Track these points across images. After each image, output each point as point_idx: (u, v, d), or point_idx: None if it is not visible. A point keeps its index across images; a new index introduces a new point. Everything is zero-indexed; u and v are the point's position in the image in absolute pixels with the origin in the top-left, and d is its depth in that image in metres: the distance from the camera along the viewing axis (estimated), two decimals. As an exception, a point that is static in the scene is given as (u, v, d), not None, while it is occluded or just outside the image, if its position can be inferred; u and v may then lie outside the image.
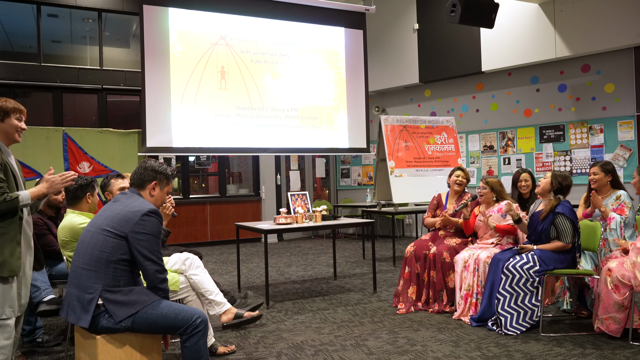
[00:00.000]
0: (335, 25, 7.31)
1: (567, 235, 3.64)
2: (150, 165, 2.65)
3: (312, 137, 7.08)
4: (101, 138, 6.42)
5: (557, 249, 3.67)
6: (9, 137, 2.59)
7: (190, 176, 9.74)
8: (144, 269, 2.42)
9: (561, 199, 3.75)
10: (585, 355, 3.18)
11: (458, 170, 4.74)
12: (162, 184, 2.66)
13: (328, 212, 5.62)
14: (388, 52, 9.61)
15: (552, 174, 3.82)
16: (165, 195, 2.70)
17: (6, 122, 2.56)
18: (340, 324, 4.01)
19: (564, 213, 3.66)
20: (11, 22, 8.67)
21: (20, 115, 2.61)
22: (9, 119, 2.56)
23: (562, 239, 3.66)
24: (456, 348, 3.38)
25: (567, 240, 3.65)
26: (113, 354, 2.35)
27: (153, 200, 2.62)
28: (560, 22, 7.45)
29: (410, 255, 4.48)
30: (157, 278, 2.44)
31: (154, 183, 2.61)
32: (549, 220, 3.71)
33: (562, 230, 3.66)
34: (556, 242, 3.68)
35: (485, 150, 8.79)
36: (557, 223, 3.68)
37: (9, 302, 2.44)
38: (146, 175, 2.61)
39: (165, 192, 2.69)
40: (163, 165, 2.71)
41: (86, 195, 3.32)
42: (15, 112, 2.58)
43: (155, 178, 2.62)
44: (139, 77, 7.82)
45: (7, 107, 2.57)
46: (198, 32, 6.41)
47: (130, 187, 2.64)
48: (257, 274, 6.36)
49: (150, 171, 2.62)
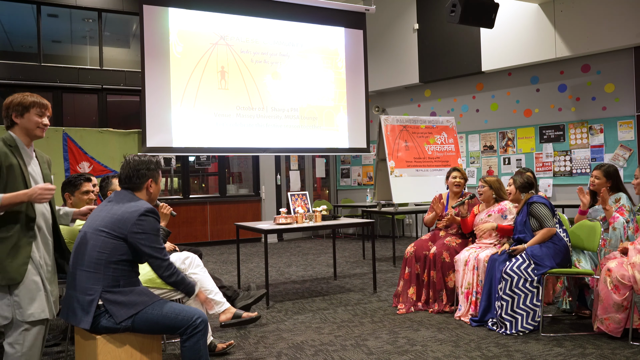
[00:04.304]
0: (335, 25, 7.31)
1: (547, 219, 3.76)
2: (138, 165, 2.55)
3: (312, 137, 7.08)
4: (101, 138, 6.42)
5: (544, 236, 3.72)
6: (29, 134, 2.43)
7: (190, 176, 9.74)
8: (151, 265, 2.47)
9: (533, 194, 3.92)
10: (585, 355, 3.18)
11: (454, 171, 4.74)
12: (157, 177, 2.62)
13: (328, 212, 5.62)
14: (388, 52, 9.61)
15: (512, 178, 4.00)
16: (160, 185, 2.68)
17: (25, 117, 2.40)
18: (340, 324, 4.01)
19: (536, 201, 3.81)
20: (11, 22, 8.67)
21: (42, 110, 2.45)
22: (28, 114, 2.40)
23: (544, 225, 3.75)
24: (456, 348, 3.38)
25: (549, 224, 3.74)
26: (113, 354, 2.34)
27: (152, 196, 2.61)
28: (560, 22, 7.45)
29: (410, 256, 4.48)
30: (166, 271, 2.47)
31: (149, 181, 2.58)
32: (524, 212, 3.85)
33: (541, 216, 3.77)
34: (540, 231, 3.76)
35: (485, 150, 8.79)
36: (534, 212, 3.80)
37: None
38: (140, 176, 2.55)
39: (160, 183, 2.66)
40: (148, 158, 2.60)
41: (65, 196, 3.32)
42: (35, 106, 2.42)
43: (150, 176, 2.58)
44: (139, 77, 7.83)
45: (27, 101, 2.40)
46: (198, 32, 6.40)
47: (123, 189, 2.58)
48: (257, 274, 6.36)
49: (145, 170, 2.56)
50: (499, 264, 3.79)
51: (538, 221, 3.79)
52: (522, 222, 3.87)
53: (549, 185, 7.91)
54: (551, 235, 3.73)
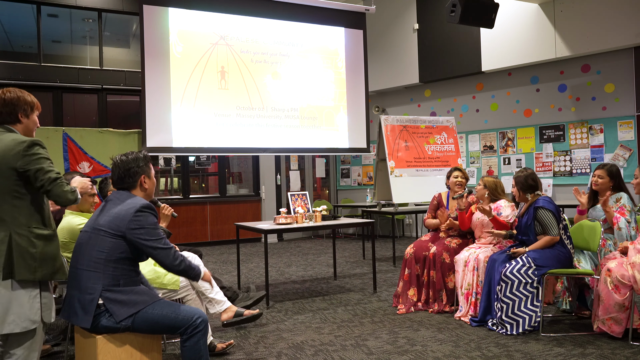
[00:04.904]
0: (335, 25, 7.31)
1: (553, 227, 3.69)
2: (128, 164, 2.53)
3: (312, 137, 7.08)
4: (101, 138, 6.42)
5: (547, 243, 3.69)
6: (28, 134, 2.40)
7: (190, 176, 9.74)
8: (155, 259, 2.44)
9: (540, 195, 3.83)
10: (585, 355, 3.18)
11: (456, 171, 4.73)
12: (149, 172, 2.61)
13: (328, 212, 5.62)
14: (388, 52, 9.61)
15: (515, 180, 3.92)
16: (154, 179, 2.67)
17: (30, 118, 2.37)
18: (340, 324, 4.01)
19: (544, 206, 3.73)
20: (11, 22, 8.67)
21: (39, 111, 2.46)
22: (32, 115, 2.38)
23: (548, 232, 3.70)
24: (456, 348, 3.38)
25: (554, 232, 3.69)
26: (113, 353, 2.34)
27: (148, 191, 2.60)
28: (560, 22, 7.45)
29: (410, 257, 4.48)
30: (172, 261, 2.44)
31: (142, 177, 2.57)
32: (530, 215, 3.77)
33: (545, 223, 3.71)
34: (544, 237, 3.71)
35: (485, 150, 8.79)
36: (540, 217, 3.74)
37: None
38: (132, 174, 2.53)
39: (153, 176, 2.66)
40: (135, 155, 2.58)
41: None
42: (38, 108, 2.42)
43: (142, 172, 2.56)
44: (139, 77, 7.82)
45: (34, 102, 2.38)
46: (198, 32, 6.40)
47: (118, 189, 2.57)
48: (257, 274, 6.36)
49: (135, 168, 2.53)
50: (499, 265, 3.78)
51: (542, 226, 3.74)
52: (526, 224, 3.82)
53: (549, 185, 7.91)
54: (553, 244, 3.71)
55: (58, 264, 2.28)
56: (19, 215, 2.18)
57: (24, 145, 2.18)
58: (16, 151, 2.16)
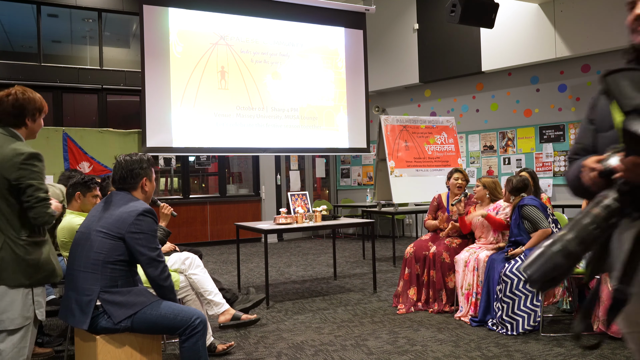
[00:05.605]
0: (335, 25, 7.31)
1: (541, 220, 3.78)
2: (131, 165, 2.53)
3: (312, 137, 7.08)
4: (101, 138, 6.42)
5: (541, 238, 3.73)
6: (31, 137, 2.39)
7: (190, 176, 9.74)
8: (144, 266, 2.40)
9: (524, 196, 3.94)
10: (585, 355, 3.18)
11: (456, 172, 4.71)
12: (151, 175, 2.61)
13: (328, 212, 5.62)
14: (388, 52, 9.61)
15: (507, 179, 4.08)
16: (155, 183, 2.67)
17: (37, 121, 2.37)
18: (340, 324, 4.01)
19: (528, 203, 3.85)
20: (11, 22, 8.68)
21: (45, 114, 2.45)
22: (39, 118, 2.37)
23: (538, 227, 3.77)
24: (456, 348, 3.38)
25: (544, 225, 3.77)
26: (113, 354, 2.34)
27: (147, 194, 2.60)
28: (560, 22, 7.45)
29: (410, 257, 4.48)
30: (159, 274, 2.42)
31: (144, 179, 2.57)
32: (517, 215, 3.88)
33: (533, 218, 3.80)
34: (536, 233, 3.77)
35: (485, 150, 8.79)
36: (526, 214, 3.83)
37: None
38: (134, 175, 2.52)
39: (154, 180, 2.65)
40: (139, 157, 2.58)
41: (75, 195, 3.32)
42: (46, 111, 2.41)
43: (144, 175, 2.56)
44: (139, 77, 7.81)
45: (43, 106, 2.37)
46: (198, 32, 6.41)
47: (118, 189, 2.56)
48: (257, 274, 6.36)
49: (138, 169, 2.53)
50: (498, 265, 3.79)
51: (531, 223, 3.82)
52: (515, 224, 3.90)
53: (549, 185, 7.90)
54: (547, 236, 3.72)
55: (51, 268, 2.30)
56: (12, 222, 2.19)
57: (21, 158, 2.18)
58: (13, 162, 2.17)
